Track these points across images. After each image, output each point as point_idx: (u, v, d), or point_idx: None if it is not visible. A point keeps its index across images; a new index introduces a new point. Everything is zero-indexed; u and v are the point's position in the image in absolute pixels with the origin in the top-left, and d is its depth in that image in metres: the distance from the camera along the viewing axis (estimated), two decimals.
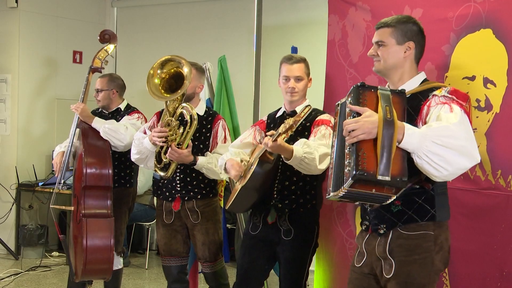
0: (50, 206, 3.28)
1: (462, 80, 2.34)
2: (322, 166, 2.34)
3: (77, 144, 3.28)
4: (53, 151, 5.18)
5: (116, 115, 3.41)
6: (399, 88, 1.94)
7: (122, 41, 5.87)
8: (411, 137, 1.74)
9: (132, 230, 5.15)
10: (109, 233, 3.12)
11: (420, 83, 1.98)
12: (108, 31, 3.39)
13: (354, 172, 1.69)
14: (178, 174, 2.90)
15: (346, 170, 1.73)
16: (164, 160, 2.83)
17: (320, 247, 2.78)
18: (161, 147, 2.84)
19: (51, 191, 4.87)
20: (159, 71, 2.82)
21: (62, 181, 3.26)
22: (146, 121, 3.39)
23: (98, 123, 3.21)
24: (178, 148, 2.76)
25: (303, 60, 2.59)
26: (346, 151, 1.77)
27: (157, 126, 2.86)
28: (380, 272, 1.95)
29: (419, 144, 1.73)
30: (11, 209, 5.17)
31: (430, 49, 2.44)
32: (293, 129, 2.22)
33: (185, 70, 2.76)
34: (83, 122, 3.24)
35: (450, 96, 1.86)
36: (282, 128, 2.21)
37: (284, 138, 2.28)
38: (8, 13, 5.22)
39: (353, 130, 1.74)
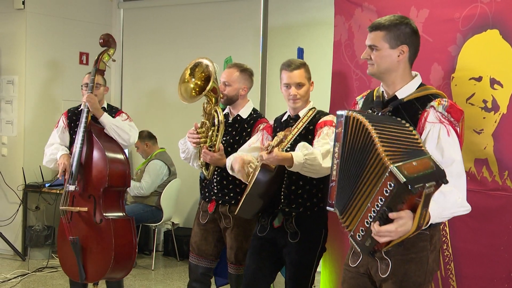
0: (60, 207, 3.27)
1: (468, 80, 2.34)
2: (327, 164, 2.31)
3: (84, 147, 3.25)
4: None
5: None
6: (406, 90, 1.96)
7: (128, 42, 5.90)
8: (432, 221, 1.78)
9: (139, 231, 5.14)
10: (132, 231, 3.21)
11: (417, 88, 1.97)
12: (110, 35, 3.41)
13: (365, 252, 1.81)
14: (215, 176, 2.88)
15: (360, 233, 1.77)
16: (200, 161, 2.86)
17: (326, 248, 2.76)
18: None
19: (58, 192, 4.94)
20: (193, 79, 2.85)
21: (76, 183, 3.21)
22: (131, 121, 3.40)
23: (106, 119, 3.22)
24: (210, 150, 2.78)
25: (303, 65, 2.56)
26: (369, 215, 1.75)
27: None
28: (375, 272, 1.95)
29: (433, 221, 1.79)
30: (18, 210, 5.18)
31: (436, 50, 2.47)
32: (284, 144, 2.21)
33: (211, 72, 2.77)
34: (92, 124, 3.24)
35: (446, 114, 1.87)
36: (274, 142, 2.20)
37: (283, 148, 2.26)
38: (15, 15, 5.24)
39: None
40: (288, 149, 2.43)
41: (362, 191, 1.77)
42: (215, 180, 2.89)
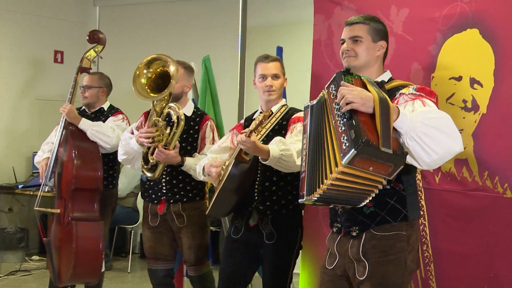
0: (34, 208, 3.24)
1: (448, 80, 2.34)
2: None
3: (61, 148, 3.23)
4: (34, 153, 5.13)
5: (100, 115, 3.38)
6: (379, 80, 1.94)
7: None
8: (405, 117, 1.71)
9: (115, 233, 5.07)
10: (98, 236, 3.11)
11: (386, 82, 1.97)
12: (98, 32, 3.37)
13: (359, 141, 1.60)
14: (164, 176, 2.85)
15: (343, 147, 1.65)
16: (151, 161, 2.78)
17: (305, 249, 2.74)
18: (148, 148, 2.79)
19: (32, 193, 4.84)
20: (145, 71, 2.77)
21: (48, 183, 3.23)
22: (129, 123, 3.37)
23: (85, 125, 3.19)
24: (165, 148, 2.72)
25: (279, 59, 2.59)
26: (339, 130, 1.70)
27: (144, 126, 2.82)
28: (352, 274, 1.93)
29: (411, 124, 1.70)
30: None
31: (416, 49, 2.47)
32: (263, 125, 2.19)
33: (172, 69, 2.70)
34: (70, 124, 3.20)
35: (418, 93, 1.84)
36: (252, 125, 2.17)
37: (259, 138, 2.23)
38: None
39: (347, 103, 1.68)
40: (262, 143, 2.38)
41: (323, 152, 1.75)
42: (164, 180, 2.85)
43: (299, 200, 1.85)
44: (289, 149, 2.29)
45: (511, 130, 2.19)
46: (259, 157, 2.31)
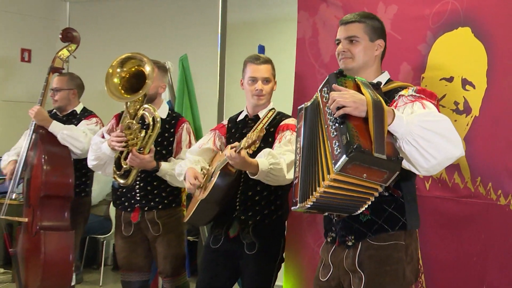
0: (0, 217, 3.16)
1: (439, 81, 2.29)
2: (290, 176, 2.23)
3: (31, 152, 3.15)
4: None
5: (72, 118, 3.30)
6: (375, 81, 1.88)
7: None
8: (400, 120, 1.65)
9: (86, 243, 4.89)
10: (68, 247, 3.03)
11: (385, 83, 1.93)
12: (72, 30, 3.32)
13: (351, 146, 1.55)
14: (138, 182, 2.76)
15: (335, 153, 1.61)
16: (124, 166, 2.68)
17: (288, 261, 2.69)
18: (121, 152, 2.70)
19: None
20: (118, 70, 2.68)
21: (16, 190, 3.19)
22: (103, 127, 3.24)
23: (55, 128, 3.10)
24: (139, 153, 2.61)
25: (270, 61, 2.52)
26: (332, 134, 1.65)
27: (116, 130, 2.72)
28: (348, 285, 1.88)
29: (407, 127, 1.64)
30: None
31: (406, 49, 2.43)
32: (257, 145, 2.08)
33: (147, 68, 2.62)
34: (40, 127, 3.11)
35: (418, 94, 1.80)
36: (244, 143, 2.07)
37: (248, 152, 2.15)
38: None
39: (339, 107, 1.62)
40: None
41: (317, 159, 1.69)
42: (137, 186, 2.77)
43: (292, 208, 1.78)
44: (279, 162, 2.21)
45: (505, 133, 2.13)
46: (247, 172, 2.21)
